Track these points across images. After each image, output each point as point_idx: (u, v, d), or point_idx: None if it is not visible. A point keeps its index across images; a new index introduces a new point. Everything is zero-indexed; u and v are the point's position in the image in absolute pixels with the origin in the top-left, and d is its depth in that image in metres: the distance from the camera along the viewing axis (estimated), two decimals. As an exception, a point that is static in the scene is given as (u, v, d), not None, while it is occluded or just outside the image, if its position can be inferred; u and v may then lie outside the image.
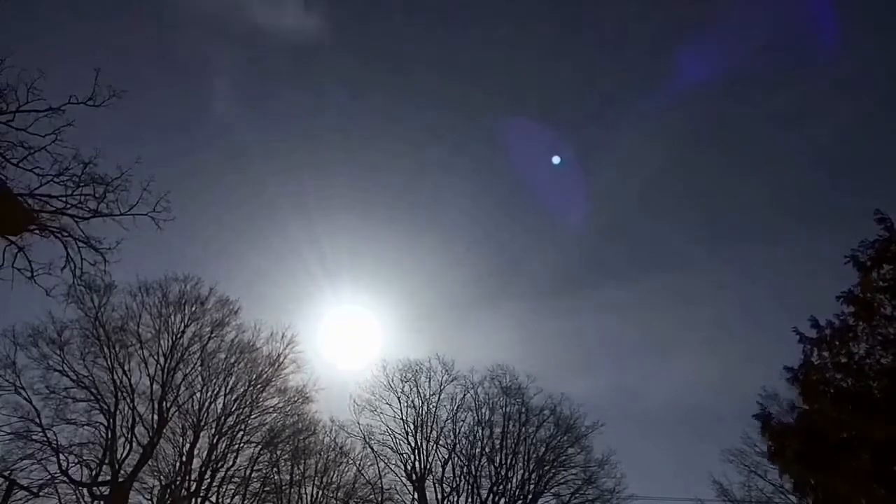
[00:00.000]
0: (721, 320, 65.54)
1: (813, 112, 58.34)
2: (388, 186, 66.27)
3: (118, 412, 31.60)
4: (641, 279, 65.70)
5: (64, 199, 20.61)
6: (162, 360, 33.20)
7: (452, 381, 41.57)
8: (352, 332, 51.43)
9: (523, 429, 41.00)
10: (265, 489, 35.82)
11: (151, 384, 32.57)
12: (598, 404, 66.55)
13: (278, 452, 36.16)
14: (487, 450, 40.64)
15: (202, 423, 33.74)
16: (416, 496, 38.95)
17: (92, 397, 31.75)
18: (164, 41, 50.28)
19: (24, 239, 19.46)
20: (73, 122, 20.16)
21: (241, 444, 34.99)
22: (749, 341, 59.59)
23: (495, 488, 39.47)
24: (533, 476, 40.23)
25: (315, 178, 62.44)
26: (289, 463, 36.80)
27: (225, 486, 34.24)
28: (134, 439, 31.43)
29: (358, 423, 40.03)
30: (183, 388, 33.88)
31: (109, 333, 32.28)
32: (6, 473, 26.88)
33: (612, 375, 61.98)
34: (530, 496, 39.72)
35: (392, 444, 40.26)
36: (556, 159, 52.87)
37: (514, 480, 40.00)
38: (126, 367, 32.40)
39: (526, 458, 40.39)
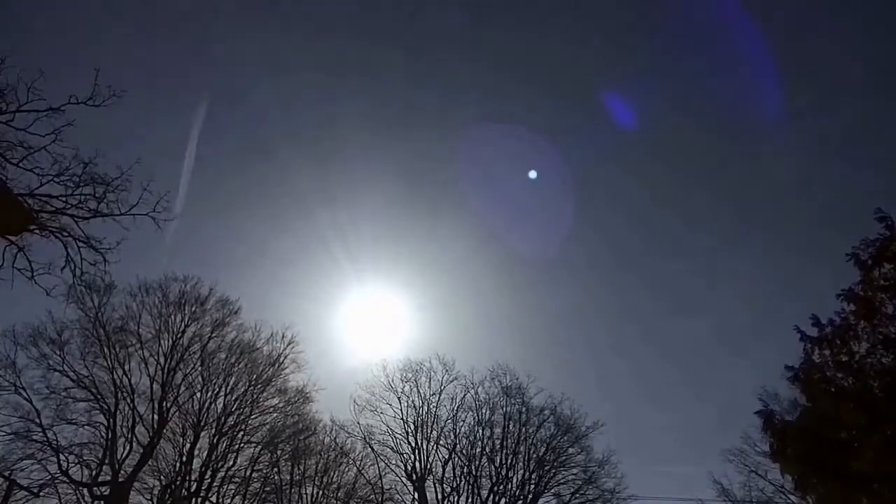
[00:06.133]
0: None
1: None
2: (411, 174, 67.06)
3: (118, 412, 31.58)
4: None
5: (64, 199, 20.57)
6: (162, 360, 33.20)
7: (453, 380, 41.57)
8: (376, 321, 52.64)
9: (524, 429, 40.98)
10: (265, 489, 35.83)
11: (151, 384, 32.59)
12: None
13: (279, 452, 36.14)
14: (488, 450, 40.62)
15: (202, 424, 33.72)
16: (416, 496, 38.93)
17: (92, 397, 31.75)
18: (189, 31, 50.75)
19: (24, 239, 19.44)
20: (74, 122, 20.15)
21: (242, 445, 35.01)
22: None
23: (496, 488, 39.44)
24: (533, 476, 40.21)
25: (339, 166, 63.05)
26: (289, 463, 36.79)
27: (225, 487, 34.25)
28: (134, 439, 31.42)
29: (358, 423, 40.08)
30: (183, 388, 33.89)
31: (109, 333, 32.27)
32: (6, 473, 26.92)
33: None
34: (531, 496, 39.68)
35: (392, 444, 40.29)
36: (532, 174, 53.62)
37: (515, 480, 39.98)
38: (126, 367, 32.42)
39: (526, 458, 40.37)
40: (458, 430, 41.06)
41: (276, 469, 36.36)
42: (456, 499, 39.42)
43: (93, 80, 20.00)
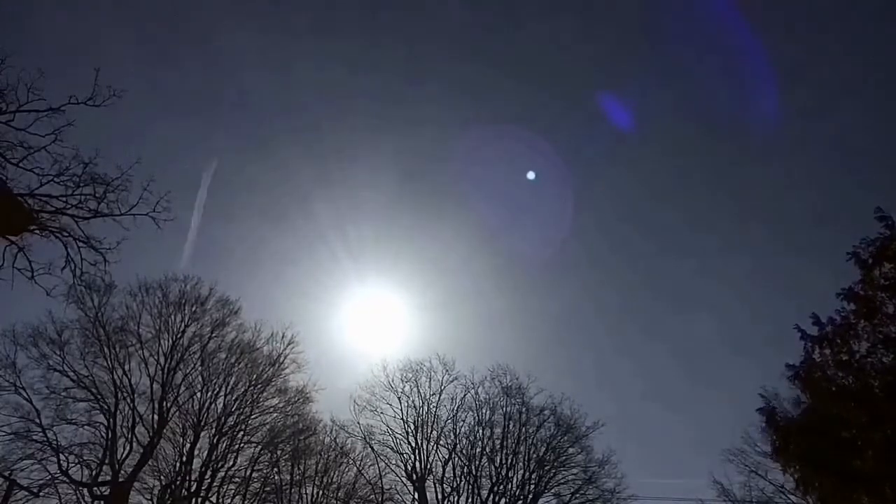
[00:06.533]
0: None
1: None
2: (411, 173, 67.26)
3: (118, 412, 31.57)
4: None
5: (64, 199, 20.52)
6: (162, 360, 33.18)
7: (453, 380, 41.55)
8: (376, 321, 52.65)
9: (524, 429, 40.97)
10: (266, 489, 35.81)
11: (151, 384, 32.58)
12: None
13: (278, 452, 36.13)
14: (488, 450, 40.61)
15: (202, 423, 33.71)
16: (416, 496, 38.92)
17: (92, 397, 31.74)
18: (189, 30, 50.91)
19: (24, 239, 19.41)
20: (74, 122, 20.13)
21: (242, 445, 35.00)
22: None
23: (496, 488, 39.43)
24: (533, 476, 40.20)
25: (340, 165, 63.29)
26: (289, 463, 36.77)
27: (225, 487, 34.23)
28: (134, 439, 31.42)
29: (358, 423, 40.06)
30: (183, 388, 33.88)
31: (109, 333, 32.26)
32: (6, 473, 26.90)
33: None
34: (531, 496, 39.68)
35: (392, 444, 40.28)
36: (530, 175, 53.74)
37: (515, 480, 39.98)
38: (126, 367, 32.41)
39: (526, 458, 40.36)
40: (458, 430, 41.12)
41: (276, 469, 36.36)
42: (456, 499, 39.43)
43: (93, 80, 20.01)
